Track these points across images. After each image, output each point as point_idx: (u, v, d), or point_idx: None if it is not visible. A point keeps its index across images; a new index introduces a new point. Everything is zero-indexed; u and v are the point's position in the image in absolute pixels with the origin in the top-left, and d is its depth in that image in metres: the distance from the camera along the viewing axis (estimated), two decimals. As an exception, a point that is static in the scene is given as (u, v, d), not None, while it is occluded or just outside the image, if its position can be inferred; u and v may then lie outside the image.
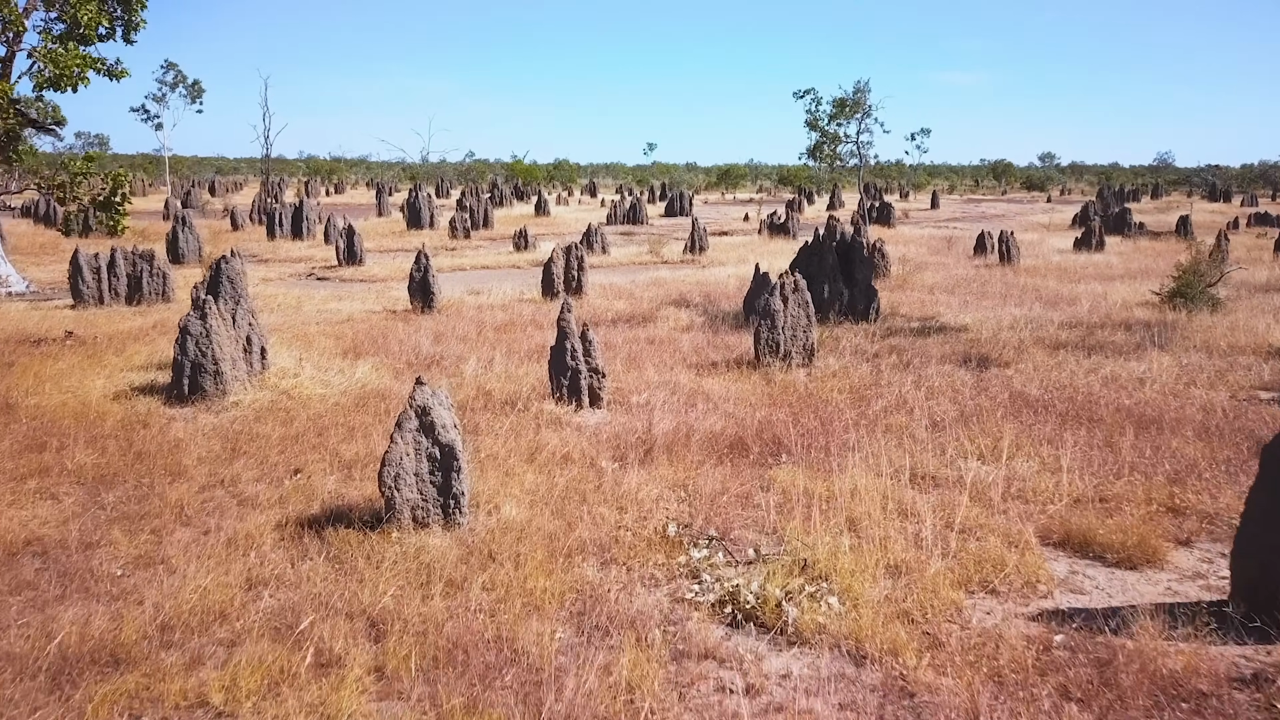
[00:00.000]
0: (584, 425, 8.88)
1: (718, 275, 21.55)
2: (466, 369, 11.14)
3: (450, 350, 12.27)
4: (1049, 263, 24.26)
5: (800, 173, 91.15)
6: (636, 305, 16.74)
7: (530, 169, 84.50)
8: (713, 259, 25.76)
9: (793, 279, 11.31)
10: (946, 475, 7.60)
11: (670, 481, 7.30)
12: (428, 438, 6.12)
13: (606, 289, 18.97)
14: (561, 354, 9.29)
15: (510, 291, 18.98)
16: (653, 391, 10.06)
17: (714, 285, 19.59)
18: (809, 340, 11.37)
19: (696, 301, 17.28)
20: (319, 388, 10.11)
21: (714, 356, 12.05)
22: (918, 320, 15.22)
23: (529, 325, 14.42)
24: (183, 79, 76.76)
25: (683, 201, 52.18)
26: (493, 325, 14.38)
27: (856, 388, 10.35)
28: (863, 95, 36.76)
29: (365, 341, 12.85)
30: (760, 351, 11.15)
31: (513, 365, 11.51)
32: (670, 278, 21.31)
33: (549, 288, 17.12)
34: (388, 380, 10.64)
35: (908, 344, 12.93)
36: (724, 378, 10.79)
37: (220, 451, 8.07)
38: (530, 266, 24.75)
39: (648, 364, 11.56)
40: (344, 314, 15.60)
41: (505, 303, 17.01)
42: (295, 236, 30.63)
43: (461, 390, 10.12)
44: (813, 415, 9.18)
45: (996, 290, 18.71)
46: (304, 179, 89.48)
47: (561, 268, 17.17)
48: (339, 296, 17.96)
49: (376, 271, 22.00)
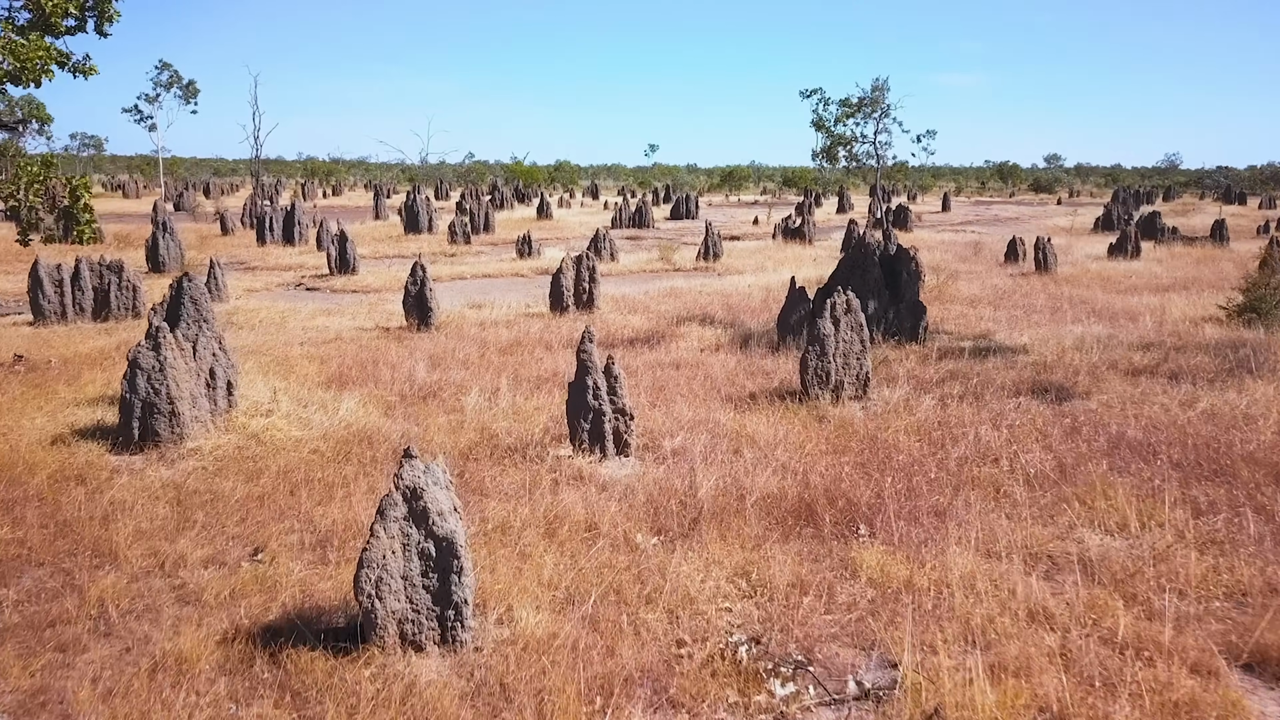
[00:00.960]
0: (611, 481, 7.37)
1: (737, 285, 20.04)
2: (468, 402, 9.63)
3: (449, 378, 10.76)
4: (1087, 271, 22.77)
5: (805, 175, 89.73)
6: (654, 321, 15.24)
7: (531, 170, 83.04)
8: (728, 266, 24.27)
9: (844, 298, 9.81)
10: (1067, 553, 6.10)
11: (729, 567, 5.80)
12: (419, 528, 4.61)
13: (619, 301, 17.48)
14: (581, 392, 7.78)
15: (515, 304, 17.48)
16: (687, 433, 8.55)
17: (735, 297, 18.09)
18: (863, 369, 9.87)
19: (719, 316, 15.78)
20: (295, 429, 8.60)
21: (751, 386, 10.54)
22: (968, 339, 13.71)
23: (537, 345, 12.91)
24: (177, 79, 75.53)
25: (689, 204, 50.74)
26: (497, 346, 12.87)
27: (925, 428, 8.85)
28: (880, 94, 35.30)
29: (353, 367, 11.33)
30: (808, 382, 9.64)
31: (521, 396, 10.00)
32: (686, 288, 19.81)
33: (558, 301, 15.62)
34: (376, 418, 9.13)
35: (967, 369, 11.43)
36: (767, 414, 9.28)
37: (167, 520, 6.55)
38: (535, 275, 23.25)
39: (676, 395, 10.06)
40: (332, 332, 14.09)
41: (510, 317, 15.51)
42: (287, 242, 29.11)
43: (462, 433, 8.61)
44: (883, 466, 7.68)
45: (1042, 303, 17.21)
46: (301, 181, 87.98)
47: (571, 279, 15.67)
48: (328, 310, 16.45)
49: (370, 281, 20.49)
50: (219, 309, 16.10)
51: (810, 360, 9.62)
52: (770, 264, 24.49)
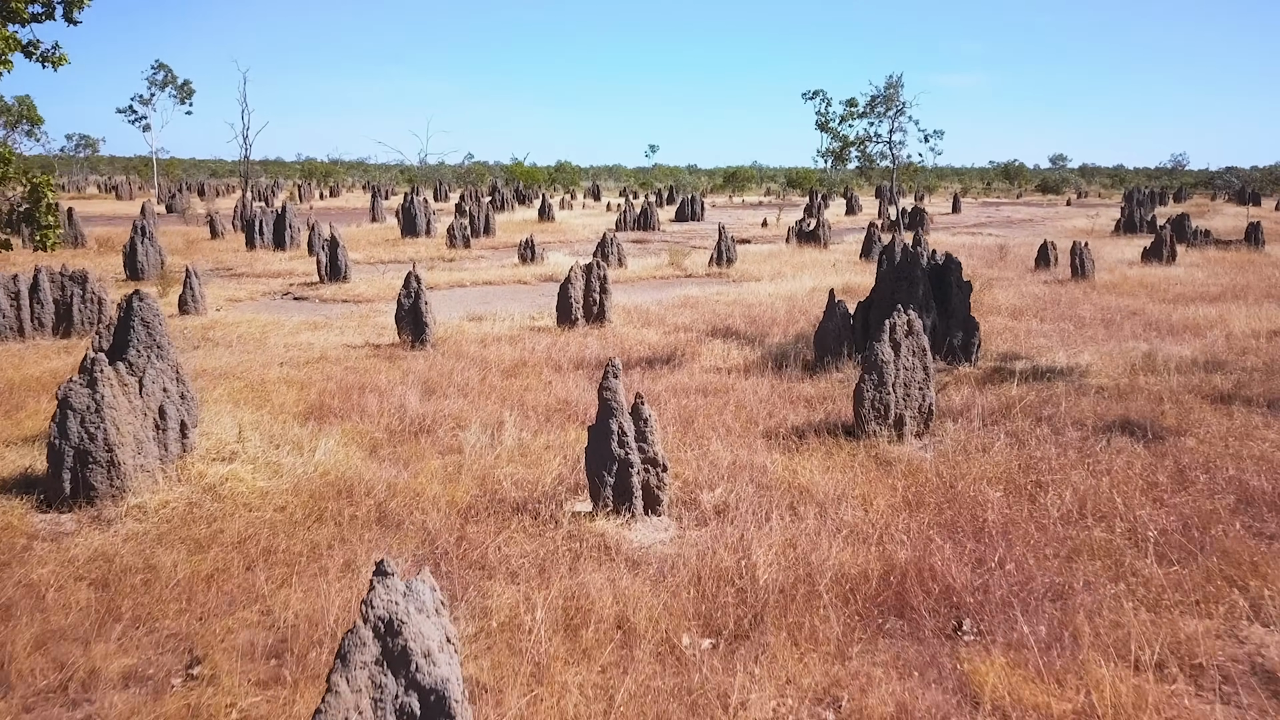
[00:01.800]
0: (643, 552, 6.01)
1: (756, 294, 18.67)
2: (467, 440, 8.27)
3: (445, 408, 9.39)
4: (1125, 277, 21.40)
5: (810, 175, 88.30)
6: (671, 335, 13.87)
7: (531, 171, 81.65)
8: (743, 272, 22.89)
9: (904, 318, 8.44)
10: (1236, 659, 4.75)
11: (808, 689, 4.43)
12: (397, 677, 3.25)
13: (631, 312, 16.11)
14: (604, 439, 6.43)
15: (518, 315, 16.11)
16: (728, 482, 7.19)
17: (756, 307, 16.72)
18: (926, 400, 8.51)
19: (742, 330, 14.41)
20: (262, 477, 7.23)
21: (793, 418, 9.17)
22: (1022, 358, 12.35)
23: (545, 367, 11.54)
24: (172, 79, 74.24)
25: (694, 205, 49.40)
26: (499, 367, 11.51)
27: (1008, 474, 7.48)
28: (895, 92, 33.93)
29: (336, 394, 9.96)
30: (863, 416, 8.28)
31: (529, 433, 8.64)
32: (701, 296, 18.45)
33: (566, 314, 14.26)
34: (359, 461, 7.76)
35: (1033, 396, 10.06)
36: (819, 456, 7.91)
37: (87, 610, 5.18)
38: (539, 282, 21.89)
39: (708, 430, 8.69)
40: (317, 350, 12.71)
41: (514, 332, 14.14)
42: (277, 246, 27.74)
43: (460, 482, 7.24)
44: (972, 528, 6.32)
45: (1090, 315, 15.85)
46: (298, 182, 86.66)
47: (580, 290, 14.31)
48: (315, 324, 15.07)
49: (363, 290, 19.11)
50: (195, 323, 14.74)
51: (866, 391, 8.25)
52: (788, 270, 23.12)
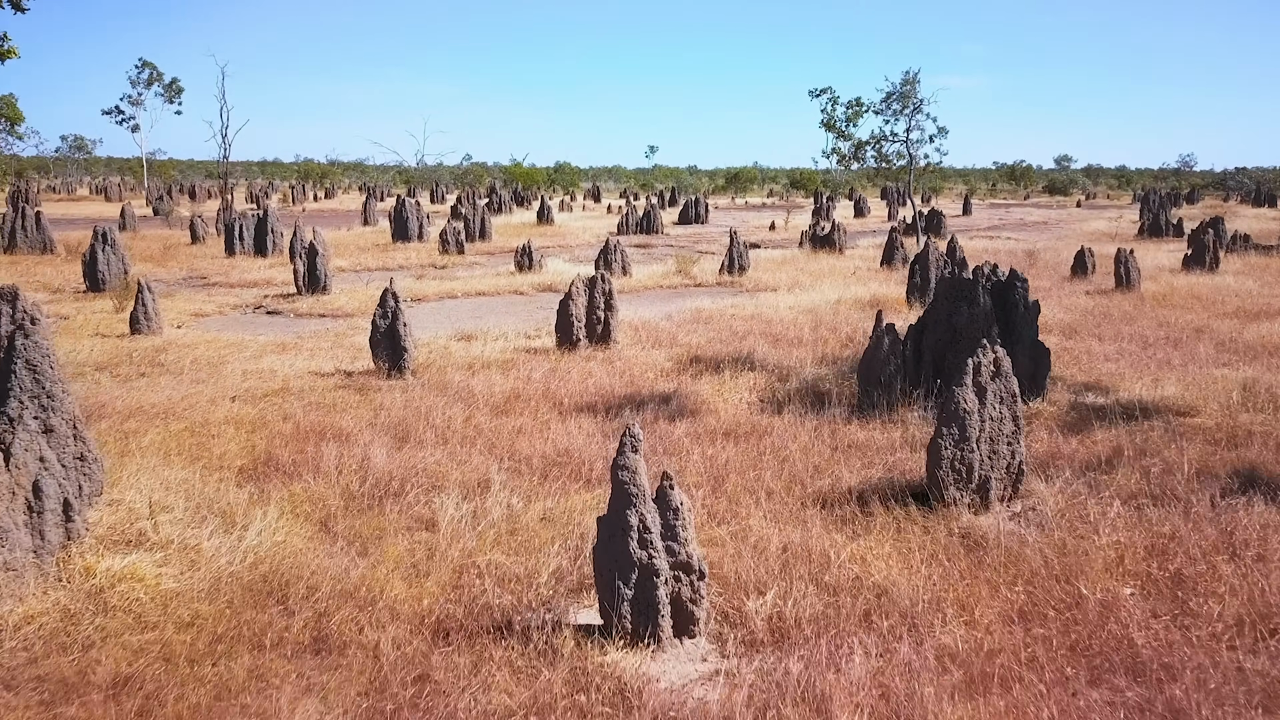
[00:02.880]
0: (676, 705, 4.32)
1: (775, 307, 16.97)
2: (443, 509, 6.59)
3: (420, 461, 7.70)
4: (1173, 287, 19.69)
5: (814, 176, 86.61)
6: (685, 359, 12.19)
7: (530, 172, 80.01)
8: (757, 281, 21.20)
9: (991, 356, 6.76)
10: None
11: None
12: None
13: (639, 330, 14.43)
14: (620, 537, 4.75)
15: (513, 332, 14.44)
16: (781, 579, 5.51)
17: (777, 324, 15.03)
18: (1016, 458, 6.84)
19: (765, 353, 12.72)
20: (172, 572, 5.55)
21: (846, 474, 7.48)
22: (1095, 391, 10.67)
23: (542, 402, 9.86)
24: (158, 77, 72.59)
25: (698, 208, 47.79)
26: (488, 402, 9.82)
27: (1134, 561, 5.81)
28: (911, 89, 32.22)
29: (291, 442, 8.27)
30: (940, 479, 6.60)
31: (520, 497, 6.96)
32: (714, 310, 16.77)
33: (566, 334, 12.57)
34: (303, 544, 6.08)
35: (1123, 440, 8.38)
36: (889, 533, 6.23)
37: None
38: (536, 292, 20.21)
39: (744, 493, 7.01)
40: (279, 378, 11.03)
41: (506, 355, 12.44)
42: (258, 252, 26.04)
43: (431, 575, 5.56)
44: (1116, 657, 4.64)
45: (1154, 333, 14.17)
46: (292, 183, 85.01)
47: (583, 306, 12.63)
48: (283, 345, 13.37)
49: (342, 303, 17.40)
50: (146, 344, 13.05)
51: (944, 447, 6.57)
52: (805, 278, 21.43)
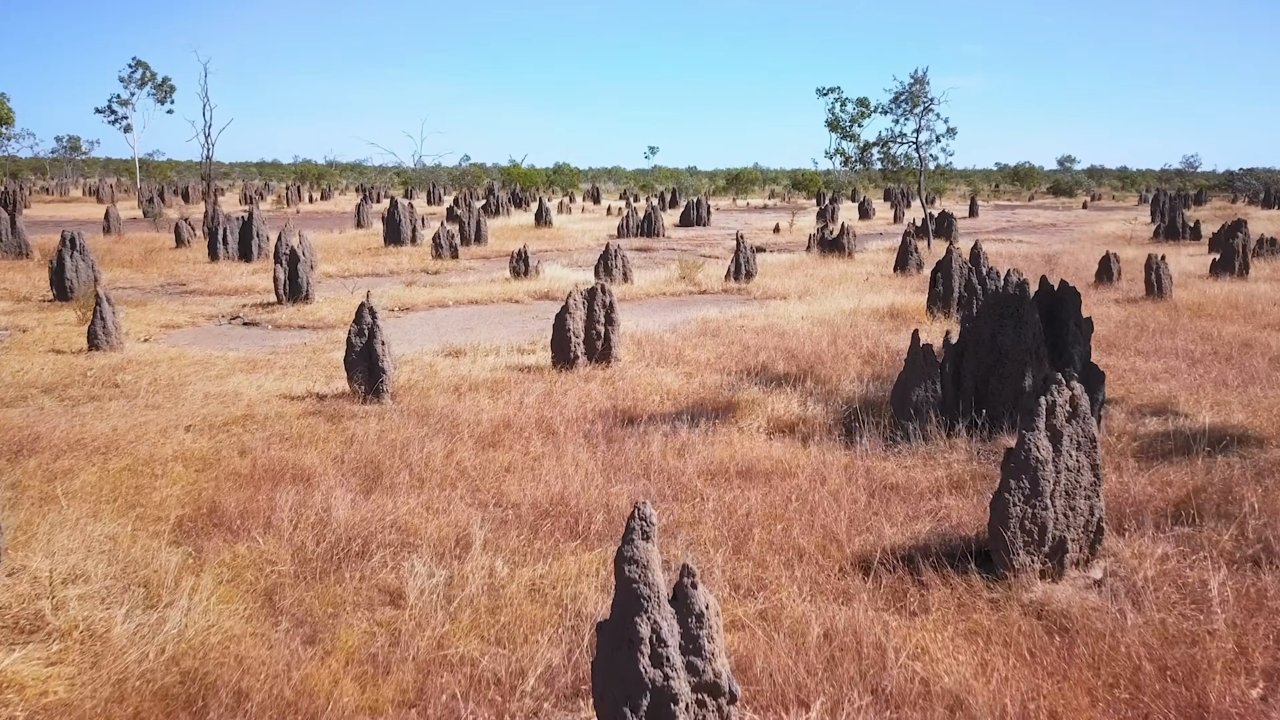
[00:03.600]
0: None
1: (787, 317, 15.87)
2: (412, 580, 5.49)
3: (389, 511, 6.60)
4: (1206, 295, 18.58)
5: (816, 177, 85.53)
6: (695, 379, 11.10)
7: (529, 173, 78.94)
8: (765, 289, 20.11)
9: (1067, 394, 5.65)
10: None
11: None
12: None
13: (642, 344, 13.33)
14: (627, 650, 3.65)
15: (506, 347, 13.34)
16: (827, 681, 4.41)
17: (791, 336, 13.93)
18: (1095, 514, 5.74)
19: (781, 368, 11.63)
20: (63, 678, 4.44)
21: (889, 530, 6.38)
22: (1152, 416, 9.55)
23: (535, 432, 8.76)
24: (150, 77, 71.45)
25: (699, 210, 46.70)
26: (474, 431, 8.72)
27: (1266, 659, 4.72)
28: (921, 88, 31.13)
29: (243, 486, 7.17)
30: (1008, 541, 5.50)
31: (505, 559, 5.86)
32: (722, 320, 15.68)
33: (563, 351, 11.47)
34: (237, 626, 4.98)
35: (1202, 479, 7.29)
36: (947, 612, 5.14)
37: None
38: (532, 300, 19.12)
39: (771, 554, 5.92)
40: (243, 402, 9.92)
41: (498, 375, 11.33)
42: (243, 257, 24.94)
43: (392, 673, 4.47)
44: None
45: (1197, 346, 13.07)
46: (287, 184, 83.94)
47: (581, 320, 11.53)
48: (253, 362, 12.26)
49: (325, 313, 16.29)
50: (104, 362, 11.94)
51: (1012, 503, 5.48)
52: (816, 285, 20.33)
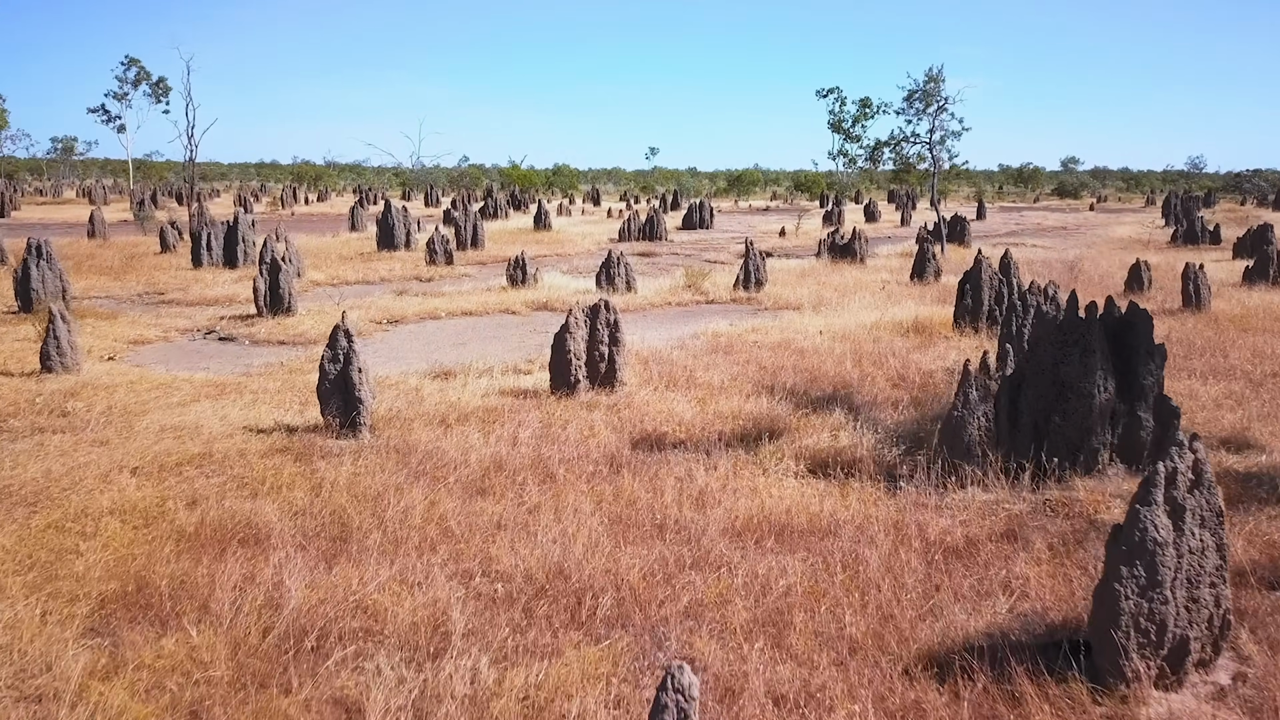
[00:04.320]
0: None
1: (803, 331, 14.76)
2: (373, 696, 4.38)
3: (353, 591, 5.48)
4: (1246, 307, 17.47)
5: (819, 179, 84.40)
6: (708, 404, 9.99)
7: (528, 175, 77.87)
8: (777, 298, 19.00)
9: (1190, 460, 4.55)
10: None
11: None
12: None
13: (649, 363, 12.22)
14: None
15: (501, 366, 12.24)
16: None
17: (811, 354, 12.81)
18: (1221, 604, 4.64)
19: (801, 390, 10.52)
20: None
21: (959, 614, 5.26)
22: (1232, 450, 8.43)
23: (531, 475, 7.64)
24: (145, 76, 70.15)
25: (702, 212, 45.62)
26: (461, 476, 7.60)
27: None
28: (935, 86, 30.03)
29: (183, 552, 6.04)
30: (1118, 642, 4.40)
31: (492, 659, 4.74)
32: (733, 335, 14.58)
33: (563, 375, 10.35)
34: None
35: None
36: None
37: None
38: (530, 311, 18.01)
39: (817, 651, 4.81)
40: (203, 436, 8.81)
41: (490, 403, 10.20)
42: (227, 264, 23.84)
43: None
44: None
45: (1255, 366, 11.95)
46: (286, 185, 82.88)
47: (583, 341, 10.42)
48: (222, 386, 11.13)
49: (307, 327, 15.15)
50: (56, 386, 10.82)
51: (1123, 597, 4.37)
52: (830, 294, 19.22)
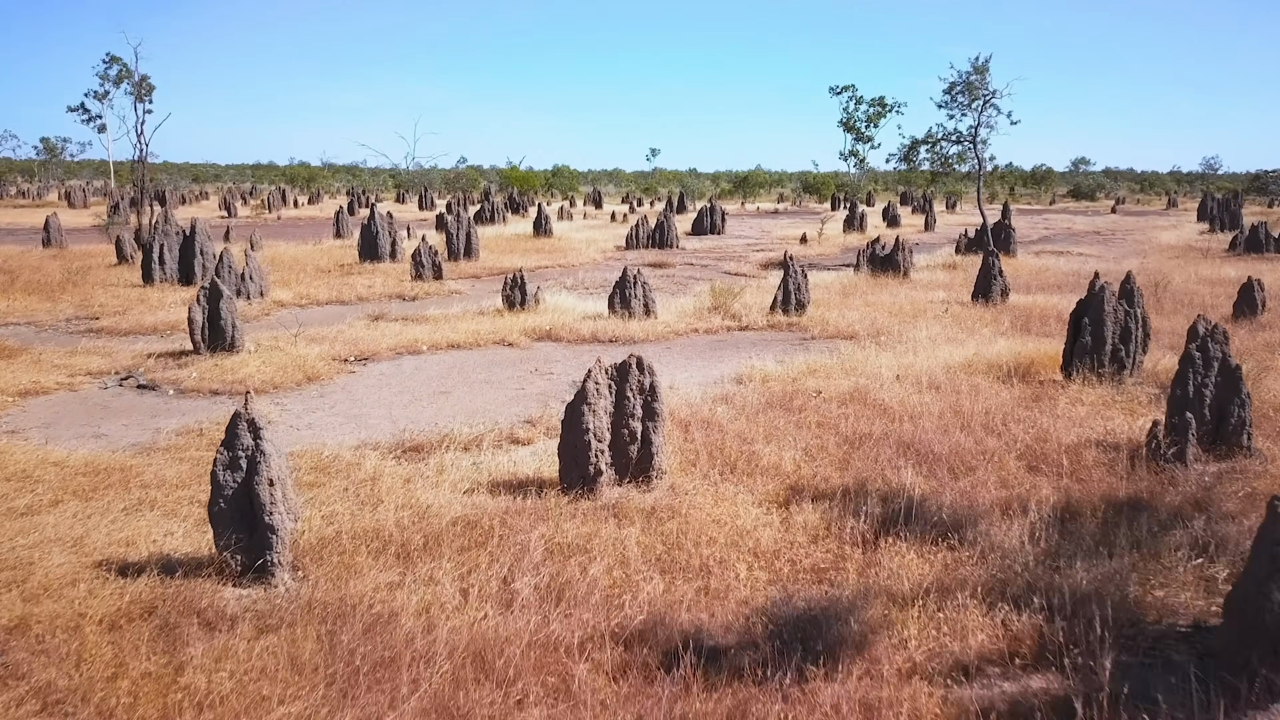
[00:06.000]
0: None
1: (873, 373, 11.66)
2: None
3: None
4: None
5: (829, 180, 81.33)
6: (798, 520, 6.95)
7: (527, 176, 74.77)
8: (824, 324, 15.95)
9: None
10: None
11: None
12: None
13: (689, 426, 9.16)
14: None
15: (493, 435, 9.17)
16: None
17: (897, 411, 9.72)
18: None
19: (908, 484, 7.47)
20: None
21: None
22: None
23: (531, 681, 4.60)
24: (127, 74, 67.17)
25: (713, 216, 42.60)
26: (419, 681, 4.57)
27: None
28: (980, 79, 27.04)
29: None
30: None
31: None
32: (784, 376, 11.54)
33: (578, 463, 7.29)
34: None
35: None
36: None
37: None
38: (530, 341, 14.97)
39: None
40: (29, 584, 5.74)
41: (473, 511, 7.10)
42: (183, 279, 20.78)
43: None
44: None
45: None
46: (275, 188, 79.72)
47: (606, 415, 7.37)
48: (103, 474, 7.99)
49: (251, 370, 12.04)
50: None
51: None
52: (884, 318, 16.16)
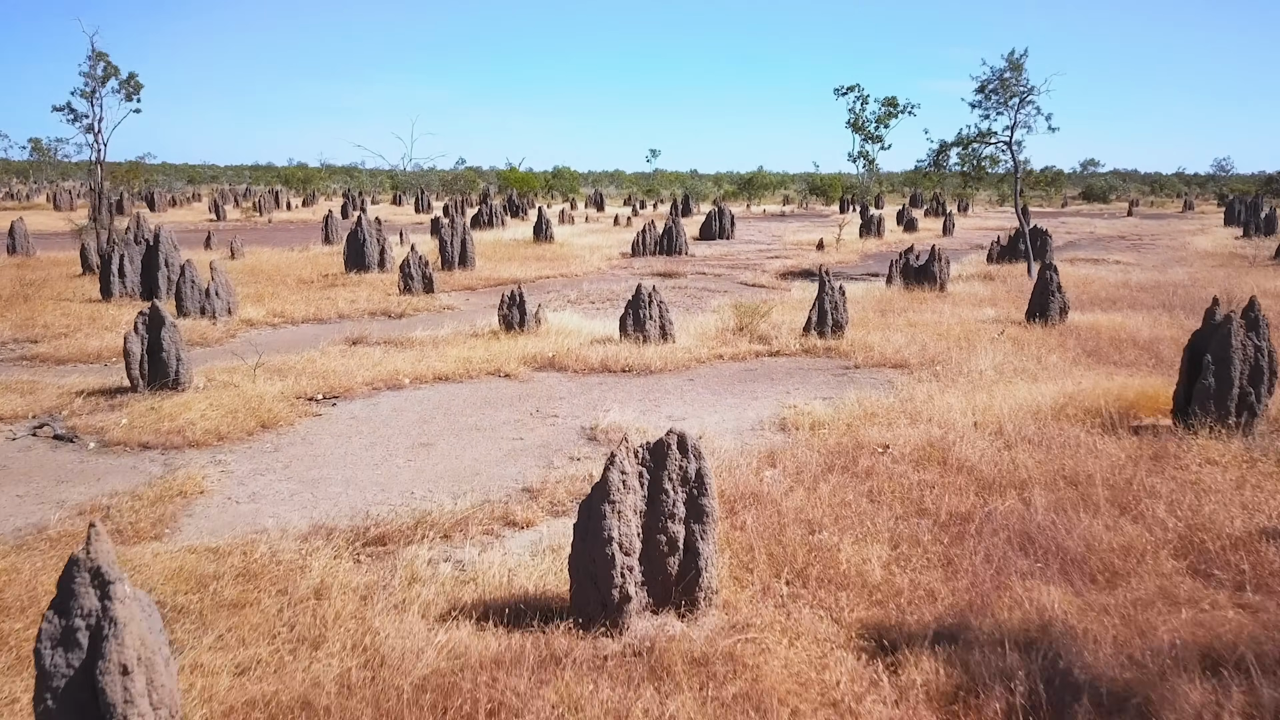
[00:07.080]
0: None
1: (946, 419, 9.55)
2: None
3: None
4: None
5: (836, 182, 79.28)
6: (906, 672, 4.93)
7: (526, 177, 72.64)
8: (867, 349, 13.88)
9: None
10: None
11: None
12: None
13: (734, 503, 7.12)
14: None
15: (482, 510, 7.14)
16: None
17: (985, 475, 7.69)
18: None
19: (1045, 603, 5.44)
20: None
21: None
22: None
23: None
24: (114, 71, 65.18)
25: (722, 220, 40.63)
26: None
27: None
28: (1016, 76, 24.93)
29: None
30: None
31: None
32: (839, 423, 9.50)
33: (597, 585, 5.23)
34: None
35: None
36: None
37: None
38: (530, 371, 12.90)
39: None
40: None
41: (453, 658, 5.09)
42: (145, 293, 18.72)
43: None
44: None
45: None
46: (269, 189, 77.65)
47: (636, 519, 5.32)
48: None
49: (196, 414, 9.90)
50: None
51: None
52: (933, 341, 14.08)
